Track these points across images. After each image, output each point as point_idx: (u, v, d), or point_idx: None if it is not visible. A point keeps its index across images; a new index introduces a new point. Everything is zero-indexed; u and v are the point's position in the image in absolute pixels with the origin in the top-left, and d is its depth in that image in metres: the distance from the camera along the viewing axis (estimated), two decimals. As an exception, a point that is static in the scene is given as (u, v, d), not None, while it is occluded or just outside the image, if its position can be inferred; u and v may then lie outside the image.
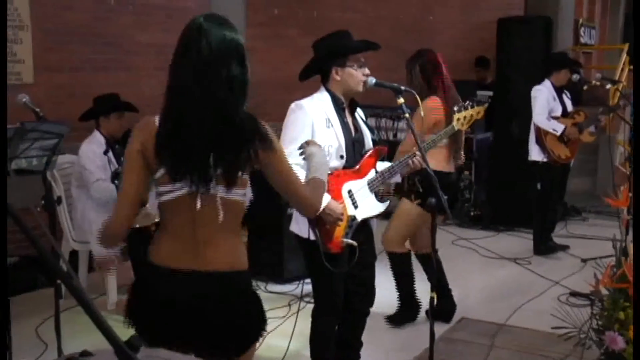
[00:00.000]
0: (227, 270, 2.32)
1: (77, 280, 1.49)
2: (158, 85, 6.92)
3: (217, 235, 2.31)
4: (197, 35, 2.23)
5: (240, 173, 2.27)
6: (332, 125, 3.41)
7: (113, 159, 5.02)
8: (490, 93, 7.81)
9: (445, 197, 3.24)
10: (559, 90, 6.37)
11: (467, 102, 4.05)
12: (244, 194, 2.34)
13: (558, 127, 6.23)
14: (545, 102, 6.27)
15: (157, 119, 2.29)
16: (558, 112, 6.35)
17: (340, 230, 3.43)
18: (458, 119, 3.98)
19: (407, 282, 4.84)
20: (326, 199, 3.31)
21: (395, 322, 4.81)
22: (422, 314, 4.87)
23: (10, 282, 4.05)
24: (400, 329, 4.79)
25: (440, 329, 4.32)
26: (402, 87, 3.57)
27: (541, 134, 6.29)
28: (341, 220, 3.39)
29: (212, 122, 2.22)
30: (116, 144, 5.13)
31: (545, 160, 6.32)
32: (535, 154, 6.38)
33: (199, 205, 2.26)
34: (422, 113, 3.61)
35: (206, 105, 2.22)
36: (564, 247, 6.61)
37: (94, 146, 4.96)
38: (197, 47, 2.21)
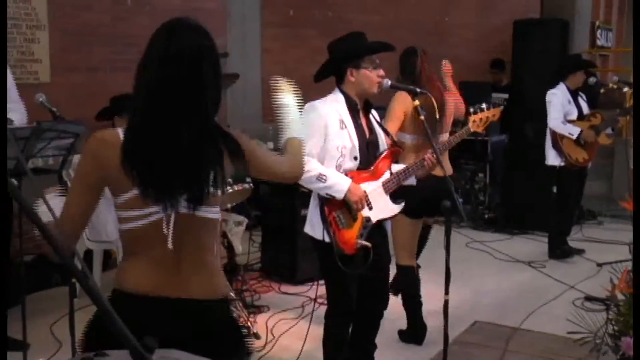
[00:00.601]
0: (205, 299, 2.07)
1: (92, 280, 1.48)
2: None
3: (193, 257, 2.07)
4: (166, 36, 2.05)
5: (213, 190, 2.03)
6: (345, 126, 3.41)
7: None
8: (506, 95, 7.78)
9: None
10: (574, 93, 6.33)
11: (483, 103, 4.02)
12: (217, 212, 2.11)
13: (574, 131, 6.19)
14: (560, 106, 6.23)
15: (120, 132, 2.02)
16: (574, 115, 6.30)
17: (354, 232, 3.42)
18: (474, 121, 3.96)
19: (413, 304, 4.63)
20: (347, 182, 3.33)
21: (403, 339, 4.64)
22: (432, 314, 4.81)
23: (25, 280, 4.12)
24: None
25: (453, 332, 4.30)
26: (418, 90, 3.59)
27: (557, 138, 6.25)
28: (364, 203, 3.39)
29: (188, 133, 1.97)
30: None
31: (562, 164, 6.28)
32: (552, 158, 6.34)
33: (171, 227, 2.01)
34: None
35: (181, 114, 1.99)
36: (580, 251, 6.56)
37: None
38: (165, 48, 2.02)
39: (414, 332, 4.59)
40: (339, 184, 3.35)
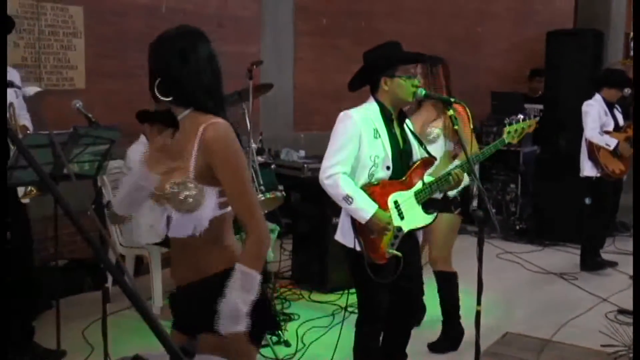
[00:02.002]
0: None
1: (134, 284, 1.51)
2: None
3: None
4: (205, 38, 2.48)
5: None
6: (379, 136, 3.40)
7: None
8: (540, 106, 7.71)
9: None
10: (610, 105, 6.27)
11: (520, 114, 4.01)
12: None
13: (611, 142, 6.14)
14: (597, 117, 6.18)
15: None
16: (610, 126, 6.25)
17: (385, 241, 3.41)
18: (509, 132, 3.94)
19: (454, 306, 4.59)
20: (373, 208, 3.33)
21: (437, 350, 4.55)
22: (463, 324, 4.78)
23: (58, 284, 4.16)
24: None
25: (484, 342, 4.26)
26: (452, 99, 3.58)
27: (594, 149, 6.20)
28: (388, 230, 3.38)
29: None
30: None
31: (598, 175, 6.21)
32: (588, 169, 6.28)
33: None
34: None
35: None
36: (612, 264, 6.47)
37: (141, 148, 4.99)
38: (209, 48, 2.45)
39: (447, 341, 4.55)
40: (363, 210, 3.33)
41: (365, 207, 3.33)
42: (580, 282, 6.04)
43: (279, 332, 4.57)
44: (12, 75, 4.22)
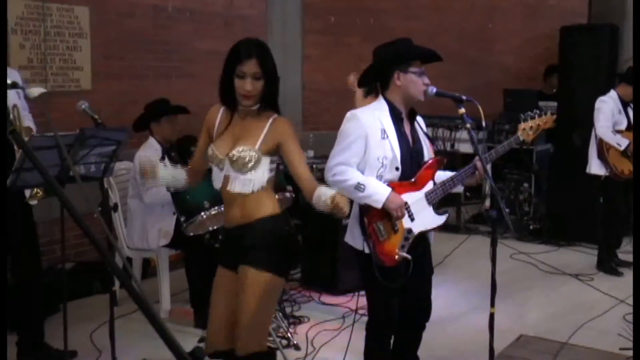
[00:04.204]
0: None
1: (138, 285, 1.50)
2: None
3: None
4: None
5: None
6: (387, 136, 3.34)
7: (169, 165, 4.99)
8: (555, 104, 7.61)
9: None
10: (624, 103, 6.15)
11: (535, 111, 3.91)
12: None
13: (622, 142, 6.02)
14: (609, 115, 6.06)
15: None
16: (623, 125, 6.12)
17: (395, 244, 3.36)
18: (523, 129, 3.84)
19: None
20: (387, 190, 3.28)
21: None
22: (476, 327, 4.72)
23: (65, 287, 4.13)
24: (458, 345, 4.67)
25: (498, 345, 4.18)
26: (464, 97, 3.51)
27: (604, 148, 6.10)
28: (403, 211, 3.33)
29: None
30: (171, 151, 5.13)
31: (607, 174, 6.11)
32: (596, 167, 6.19)
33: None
34: None
35: None
36: (630, 264, 6.37)
37: (149, 152, 4.97)
38: None
39: None
40: (378, 194, 3.29)
41: (379, 190, 3.29)
42: (597, 283, 5.95)
43: (289, 335, 4.54)
44: (14, 76, 4.15)
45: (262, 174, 2.94)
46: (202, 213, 4.50)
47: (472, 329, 4.79)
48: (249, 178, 2.93)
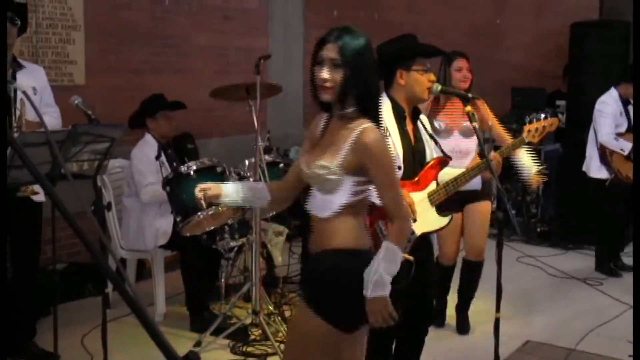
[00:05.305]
0: None
1: (130, 285, 1.41)
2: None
3: None
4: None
5: None
6: (389, 134, 3.28)
7: (166, 163, 4.91)
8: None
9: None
10: (624, 101, 6.02)
11: (541, 113, 3.91)
12: None
13: (625, 147, 5.90)
14: (612, 119, 5.97)
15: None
16: (623, 127, 6.01)
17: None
18: (529, 131, 3.86)
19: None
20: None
21: None
22: (481, 332, 4.66)
23: (56, 289, 4.05)
24: (462, 350, 4.60)
25: (504, 351, 4.10)
26: (469, 95, 3.47)
27: (606, 153, 6.00)
28: (413, 208, 3.28)
29: None
30: (168, 148, 5.03)
31: (610, 177, 6.00)
32: (596, 170, 6.10)
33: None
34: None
35: None
36: (632, 268, 6.28)
37: (146, 149, 4.88)
38: None
39: None
40: None
41: None
42: (606, 288, 5.85)
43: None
44: (37, 73, 4.26)
45: (341, 196, 2.46)
46: (199, 213, 4.42)
47: (477, 334, 4.77)
48: (327, 199, 2.48)
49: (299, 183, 2.66)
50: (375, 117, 2.48)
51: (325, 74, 2.40)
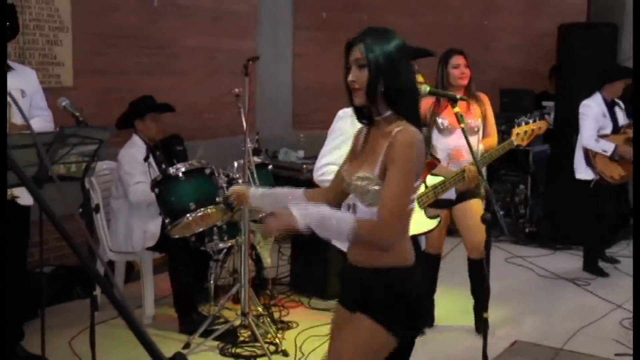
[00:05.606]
0: None
1: (118, 289, 1.43)
2: (207, 91, 6.79)
3: None
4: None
5: None
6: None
7: (154, 165, 4.89)
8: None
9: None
10: (610, 104, 6.04)
11: (529, 115, 3.89)
12: None
13: (608, 147, 5.91)
14: (593, 122, 5.98)
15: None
16: (607, 129, 6.01)
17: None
18: (517, 134, 3.84)
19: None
20: None
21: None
22: (470, 333, 4.69)
23: (44, 292, 4.02)
24: (451, 350, 4.59)
25: (492, 352, 4.10)
26: (458, 96, 3.44)
27: (590, 155, 6.02)
28: None
29: None
30: (157, 150, 5.01)
31: (595, 178, 6.02)
32: (583, 172, 6.11)
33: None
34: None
35: None
36: (614, 261, 6.39)
37: (134, 151, 4.85)
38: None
39: None
40: None
41: None
42: (594, 288, 5.85)
43: (277, 341, 4.41)
44: (28, 75, 4.24)
45: None
46: (188, 215, 4.41)
47: (466, 334, 4.75)
48: (370, 211, 2.36)
49: (340, 193, 2.56)
50: (412, 117, 2.37)
51: (351, 75, 2.36)
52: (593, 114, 5.98)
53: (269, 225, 2.36)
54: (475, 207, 4.47)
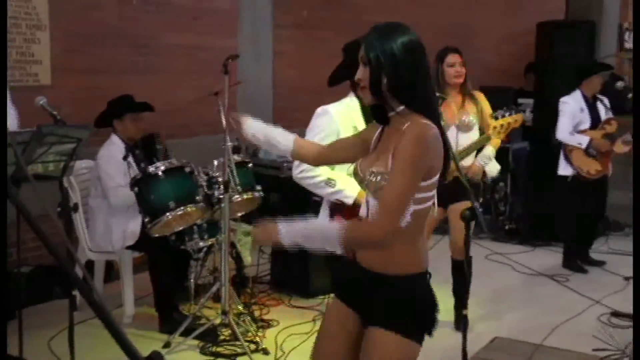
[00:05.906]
0: None
1: (96, 292, 1.42)
2: (187, 89, 6.73)
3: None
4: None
5: None
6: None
7: (133, 164, 4.85)
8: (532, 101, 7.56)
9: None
10: (590, 100, 6.08)
11: (505, 109, 3.89)
12: None
13: (582, 140, 5.97)
14: (570, 116, 6.02)
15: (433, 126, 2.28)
16: (586, 124, 6.05)
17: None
18: (494, 127, 3.83)
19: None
20: (357, 186, 3.14)
21: None
22: (449, 329, 4.71)
23: (23, 292, 3.98)
24: (430, 347, 4.55)
25: (472, 348, 4.11)
26: (438, 94, 3.46)
27: (566, 150, 6.07)
28: None
29: None
30: (136, 148, 4.98)
31: (573, 174, 6.06)
32: (562, 168, 6.17)
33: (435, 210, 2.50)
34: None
35: None
36: (600, 263, 6.39)
37: (113, 150, 4.82)
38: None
39: None
40: (349, 188, 3.23)
41: (350, 185, 3.21)
42: (573, 284, 5.90)
43: (257, 339, 4.43)
44: None
45: None
46: (167, 213, 4.40)
47: (445, 331, 4.65)
48: None
49: (328, 157, 2.65)
50: (426, 110, 2.30)
51: (358, 74, 2.35)
52: (570, 110, 6.02)
53: (256, 237, 2.37)
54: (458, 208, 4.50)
